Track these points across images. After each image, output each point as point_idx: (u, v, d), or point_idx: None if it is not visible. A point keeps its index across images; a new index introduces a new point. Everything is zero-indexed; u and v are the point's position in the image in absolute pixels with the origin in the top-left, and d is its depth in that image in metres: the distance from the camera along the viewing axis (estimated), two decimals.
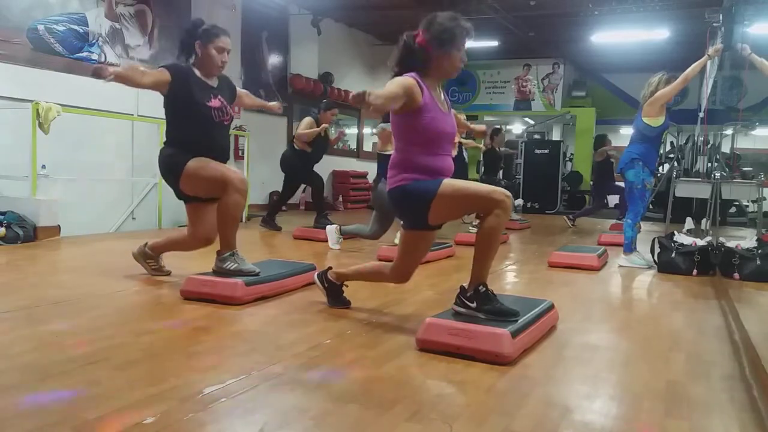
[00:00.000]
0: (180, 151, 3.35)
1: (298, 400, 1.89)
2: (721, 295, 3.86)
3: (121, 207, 7.45)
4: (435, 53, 2.58)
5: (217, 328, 2.73)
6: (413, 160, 2.60)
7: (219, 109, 3.41)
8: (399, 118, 2.62)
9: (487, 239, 2.53)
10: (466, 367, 2.23)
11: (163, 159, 3.44)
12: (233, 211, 3.29)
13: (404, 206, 2.68)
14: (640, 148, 4.91)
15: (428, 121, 2.57)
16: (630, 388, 2.14)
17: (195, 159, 3.32)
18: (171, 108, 3.40)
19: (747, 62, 4.93)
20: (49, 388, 1.88)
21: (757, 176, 8.02)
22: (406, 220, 2.75)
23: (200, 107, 3.34)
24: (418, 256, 2.84)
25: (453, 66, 2.63)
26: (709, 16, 6.84)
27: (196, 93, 3.32)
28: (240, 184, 3.28)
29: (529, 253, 5.89)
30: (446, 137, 2.66)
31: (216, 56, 3.37)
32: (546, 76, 14.64)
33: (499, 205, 2.48)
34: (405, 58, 2.62)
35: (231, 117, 3.53)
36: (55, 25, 6.72)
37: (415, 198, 2.59)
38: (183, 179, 3.34)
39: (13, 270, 4.05)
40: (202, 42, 3.35)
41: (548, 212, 12.41)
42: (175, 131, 3.41)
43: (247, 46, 9.55)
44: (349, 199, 11.59)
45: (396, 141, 2.69)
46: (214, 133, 3.42)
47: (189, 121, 3.35)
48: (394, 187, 2.65)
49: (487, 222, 2.50)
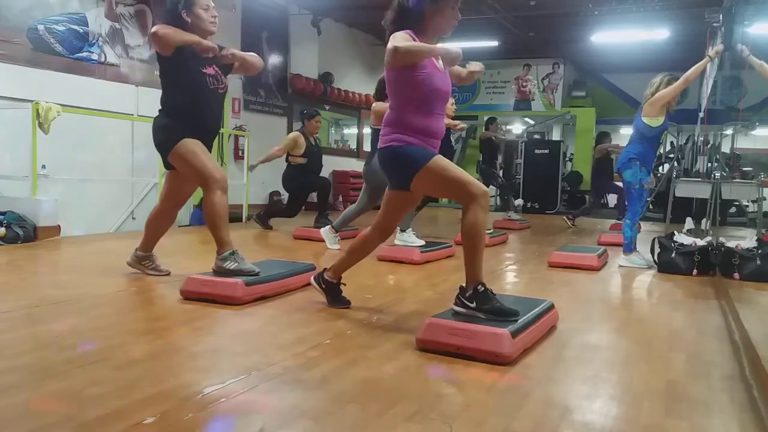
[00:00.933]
0: (174, 123, 3.42)
1: (298, 400, 1.89)
2: (721, 295, 3.85)
3: (121, 207, 7.46)
4: (428, 10, 2.60)
5: (217, 328, 2.73)
6: (406, 118, 2.62)
7: (213, 76, 3.48)
8: (395, 74, 2.63)
9: (471, 235, 2.55)
10: (466, 367, 2.23)
11: (157, 128, 3.51)
12: (218, 209, 3.33)
13: (391, 167, 2.72)
14: (638, 147, 4.91)
15: (423, 78, 2.58)
16: (630, 388, 2.14)
17: (187, 141, 3.38)
18: (166, 74, 3.46)
19: (746, 63, 4.94)
20: (49, 388, 1.89)
21: (757, 176, 8.03)
22: (391, 179, 2.79)
23: (195, 73, 3.40)
24: (399, 214, 2.93)
25: (447, 23, 2.66)
26: (709, 16, 6.84)
27: (191, 59, 3.39)
28: (222, 182, 3.37)
29: (529, 253, 5.89)
30: (441, 95, 2.67)
31: (204, 14, 3.42)
32: (546, 76, 14.63)
33: (474, 199, 2.52)
34: (399, 16, 2.64)
35: (225, 86, 3.59)
36: (55, 25, 6.72)
37: (403, 163, 2.64)
38: (172, 155, 3.43)
39: (13, 270, 4.05)
40: (187, 10, 3.40)
41: (548, 212, 12.41)
42: (169, 98, 3.48)
43: (247, 46, 9.52)
44: (349, 199, 11.57)
45: (390, 98, 2.71)
46: (209, 100, 3.48)
47: (183, 87, 3.41)
48: (385, 146, 2.68)
49: (466, 219, 2.54)
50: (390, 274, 4.31)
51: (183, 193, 3.72)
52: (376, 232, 2.93)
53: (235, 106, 9.49)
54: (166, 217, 3.75)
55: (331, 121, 12.97)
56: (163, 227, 3.78)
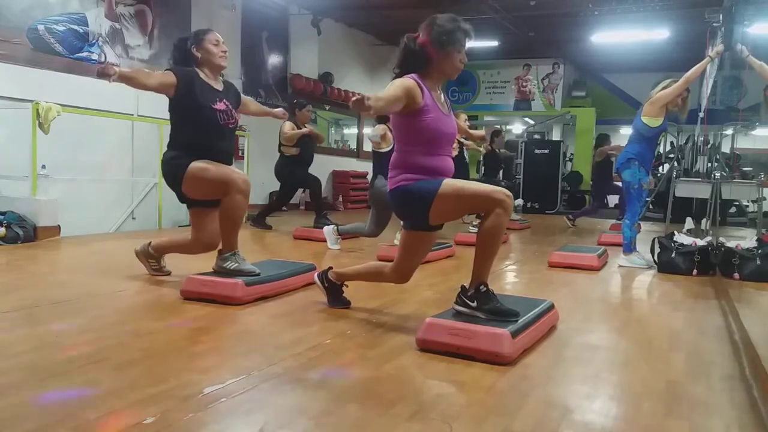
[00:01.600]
0: (183, 154, 3.34)
1: (298, 400, 1.89)
2: (721, 295, 3.85)
3: (121, 207, 7.45)
4: (435, 55, 2.59)
5: (217, 328, 2.73)
6: (414, 160, 2.61)
7: (224, 112, 3.41)
8: (400, 119, 2.63)
9: (489, 239, 2.54)
10: (466, 367, 2.23)
11: (166, 162, 3.42)
12: (235, 212, 3.29)
13: (405, 206, 2.68)
14: (636, 147, 4.91)
15: (429, 122, 2.58)
16: (630, 388, 2.14)
17: (197, 161, 3.31)
18: (176, 111, 3.39)
19: (746, 63, 4.94)
20: (49, 388, 1.88)
21: (757, 176, 8.03)
22: (406, 220, 2.76)
23: (206, 110, 3.33)
24: (418, 256, 2.85)
25: (453, 67, 2.65)
26: (709, 16, 6.84)
27: (201, 95, 3.32)
28: (243, 185, 3.27)
29: (529, 253, 5.89)
30: (447, 138, 2.67)
31: (214, 48, 3.39)
32: (546, 76, 14.64)
33: (499, 204, 2.49)
34: (406, 59, 2.64)
35: (236, 121, 3.54)
36: (55, 25, 6.71)
37: (416, 198, 2.59)
38: (185, 182, 3.32)
39: (13, 270, 4.05)
40: (196, 45, 3.38)
41: (548, 212, 12.41)
42: (179, 134, 3.40)
43: (247, 46, 9.54)
44: (349, 199, 11.59)
45: (397, 142, 2.70)
46: (219, 135, 3.41)
47: (194, 123, 3.34)
48: (395, 188, 2.65)
49: (488, 221, 2.51)
50: None
51: (209, 231, 3.47)
52: (394, 275, 2.86)
53: None
54: (191, 249, 3.62)
55: (331, 121, 12.97)
56: (183, 252, 3.69)
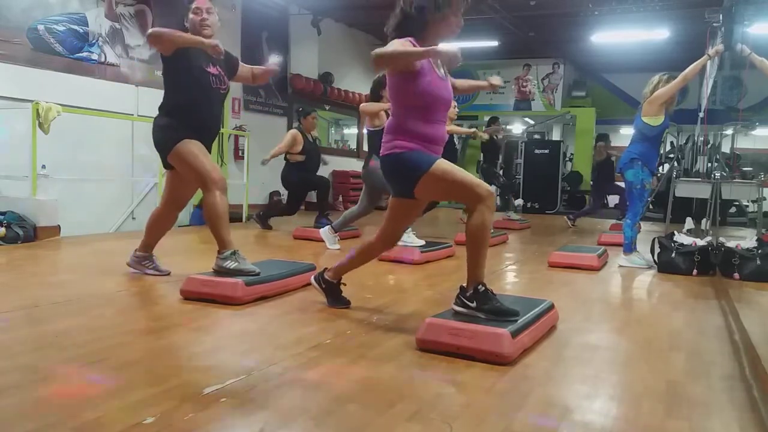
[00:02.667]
0: (174, 123, 3.43)
1: (298, 400, 1.89)
2: (721, 295, 3.85)
3: (121, 207, 7.46)
4: (431, 17, 2.58)
5: (217, 328, 2.73)
6: (408, 125, 2.61)
7: (216, 76, 3.51)
8: (396, 81, 2.62)
9: (476, 236, 2.54)
10: (466, 367, 2.23)
11: (157, 128, 3.52)
12: (217, 209, 3.34)
13: (394, 174, 2.70)
14: (639, 147, 4.90)
15: (425, 85, 2.57)
16: (630, 388, 2.14)
17: (187, 141, 3.39)
18: (170, 72, 3.48)
19: (747, 62, 4.93)
20: (49, 388, 1.88)
21: (757, 176, 8.03)
22: (394, 187, 2.77)
23: (198, 71, 3.43)
24: (403, 223, 2.91)
25: (450, 30, 2.64)
26: (709, 16, 6.84)
27: (194, 58, 3.41)
28: (220, 183, 3.39)
29: (529, 253, 5.89)
30: (442, 102, 2.66)
31: (195, 18, 3.46)
32: (546, 76, 14.63)
33: (482, 200, 2.51)
34: (402, 23, 2.63)
35: (227, 87, 3.61)
36: (55, 25, 6.72)
37: (406, 169, 2.61)
38: (171, 155, 3.44)
39: (13, 270, 4.05)
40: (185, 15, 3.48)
41: (548, 212, 12.41)
42: (171, 96, 3.49)
43: (247, 46, 9.53)
44: (349, 199, 11.57)
45: (392, 105, 2.70)
46: (211, 98, 3.50)
47: (187, 85, 3.43)
48: (387, 154, 2.66)
49: (472, 219, 2.53)
50: (390, 274, 4.31)
51: (184, 195, 3.73)
52: (380, 241, 2.91)
53: (235, 106, 9.49)
54: (166, 218, 3.76)
55: (331, 121, 12.97)
56: (164, 229, 3.78)
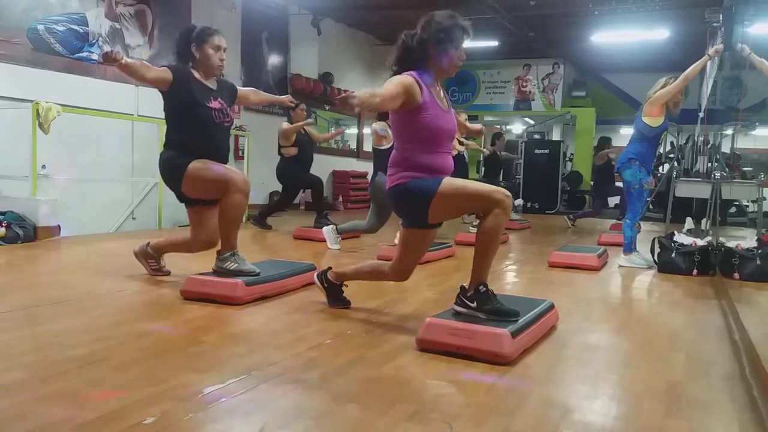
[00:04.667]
0: (180, 154, 3.35)
1: (298, 400, 1.89)
2: (721, 295, 3.85)
3: (121, 207, 7.46)
4: (433, 52, 2.59)
5: (217, 328, 2.73)
6: (413, 158, 2.61)
7: (219, 110, 3.42)
8: (399, 117, 2.62)
9: (487, 239, 2.53)
10: (466, 367, 2.23)
11: (164, 162, 3.43)
12: (234, 212, 3.29)
13: (404, 204, 2.68)
14: (637, 147, 4.91)
15: (428, 119, 2.57)
16: (630, 388, 2.14)
17: (196, 161, 3.32)
18: (171, 110, 3.40)
19: (747, 62, 4.93)
20: (49, 388, 1.88)
21: (757, 176, 8.03)
22: (405, 218, 2.75)
23: (200, 108, 3.34)
24: (417, 254, 2.84)
25: (452, 64, 2.64)
26: (709, 16, 6.84)
27: (196, 94, 3.34)
28: (243, 185, 3.28)
29: (529, 253, 5.89)
30: (446, 135, 2.67)
31: (213, 55, 3.38)
32: (546, 76, 14.63)
33: (498, 204, 2.49)
34: (404, 57, 2.63)
35: (231, 119, 3.55)
36: (55, 25, 6.72)
37: (415, 196, 2.59)
38: (185, 181, 3.33)
39: (13, 270, 4.05)
40: (197, 44, 3.37)
41: (548, 212, 12.41)
42: (175, 133, 3.41)
43: (247, 46, 9.54)
44: (349, 199, 11.59)
45: (396, 139, 2.70)
46: (215, 134, 3.43)
47: (189, 122, 3.35)
48: (394, 185, 2.65)
49: (487, 222, 2.51)
50: None
51: (208, 229, 3.50)
52: (393, 273, 2.85)
53: (235, 106, 9.47)
54: (190, 248, 3.65)
55: (331, 121, 12.97)
56: (182, 251, 3.72)
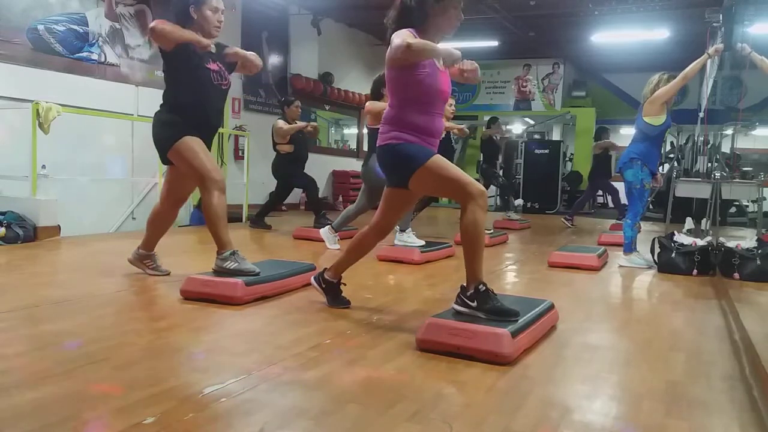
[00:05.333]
0: (175, 119, 3.42)
1: (298, 400, 1.89)
2: (721, 295, 3.85)
3: (121, 207, 7.46)
4: (431, 10, 2.60)
5: (217, 328, 2.73)
6: (406, 117, 2.63)
7: (217, 72, 3.48)
8: (395, 73, 2.64)
9: (470, 235, 2.56)
10: (466, 367, 2.23)
11: (157, 124, 3.50)
12: (216, 209, 3.34)
13: (390, 165, 2.73)
14: (640, 147, 4.90)
15: (423, 77, 2.59)
16: (630, 388, 2.14)
17: (187, 138, 3.39)
18: (170, 70, 3.46)
19: (747, 62, 4.93)
20: (49, 388, 1.88)
21: (757, 176, 8.03)
22: (389, 177, 2.80)
23: (199, 68, 3.40)
24: (397, 212, 2.93)
25: (450, 23, 2.66)
26: (709, 16, 6.84)
27: (195, 55, 3.39)
28: (221, 183, 3.39)
29: (529, 253, 5.89)
30: (440, 95, 2.68)
31: (212, 16, 3.41)
32: (546, 76, 14.63)
33: (473, 199, 2.54)
34: (402, 15, 2.65)
35: (229, 82, 3.59)
36: (55, 25, 6.72)
37: (402, 160, 2.64)
38: (171, 152, 3.43)
39: (13, 270, 4.05)
40: (195, 6, 3.39)
41: (548, 212, 12.41)
42: (173, 93, 3.48)
43: (247, 46, 9.47)
44: (349, 199, 11.57)
45: (390, 97, 2.73)
46: (212, 95, 3.49)
47: (187, 82, 3.42)
48: (384, 144, 2.69)
49: (465, 218, 2.55)
50: (390, 274, 4.31)
51: (183, 191, 3.72)
52: (373, 231, 2.94)
53: (235, 106, 9.49)
54: (166, 215, 3.75)
55: (331, 121, 12.97)
56: (164, 226, 3.78)
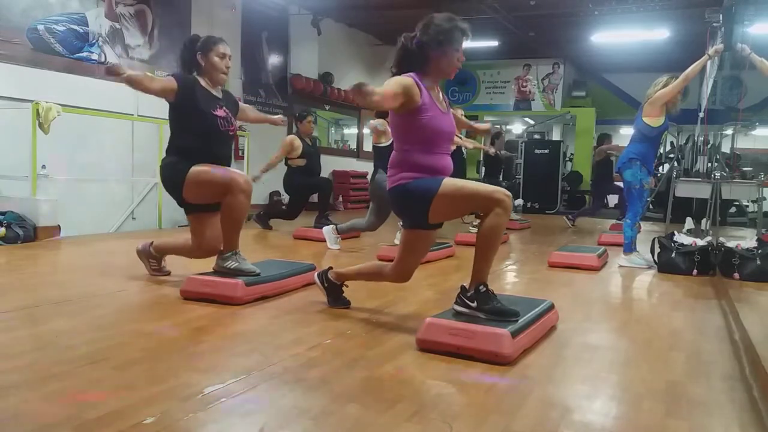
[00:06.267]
0: (182, 159, 3.36)
1: (298, 400, 1.89)
2: (721, 295, 3.85)
3: (121, 207, 7.45)
4: (433, 54, 2.60)
5: (217, 328, 2.73)
6: (412, 159, 2.61)
7: (224, 118, 3.45)
8: (398, 118, 2.63)
9: (488, 239, 2.54)
10: (466, 367, 2.23)
11: (165, 167, 3.44)
12: (237, 213, 3.29)
13: (405, 205, 2.69)
14: (638, 147, 4.91)
15: (427, 121, 2.58)
16: (630, 388, 2.14)
17: (197, 165, 3.33)
18: (176, 117, 3.41)
19: (747, 62, 4.93)
20: (49, 388, 1.88)
21: (757, 176, 8.03)
22: (406, 219, 2.76)
23: (206, 116, 3.36)
24: (418, 255, 2.85)
25: (451, 66, 2.65)
26: (709, 16, 6.83)
27: (201, 102, 3.36)
28: (245, 185, 3.28)
29: (529, 253, 5.89)
30: (445, 136, 2.68)
31: (219, 62, 3.41)
32: (546, 76, 14.63)
33: (499, 204, 2.49)
34: (403, 59, 2.65)
35: (235, 128, 3.57)
36: (55, 25, 6.71)
37: (416, 197, 2.59)
38: (187, 186, 3.33)
39: (13, 270, 4.05)
40: (202, 53, 3.39)
41: (548, 212, 12.41)
42: (179, 140, 3.42)
43: (247, 46, 9.54)
44: (349, 199, 11.58)
45: (395, 141, 2.71)
46: (219, 142, 3.45)
47: (194, 129, 3.37)
48: (394, 186, 2.66)
49: (488, 221, 2.51)
50: None
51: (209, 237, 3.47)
52: (394, 275, 2.84)
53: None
54: (191, 254, 3.62)
55: (331, 121, 12.97)
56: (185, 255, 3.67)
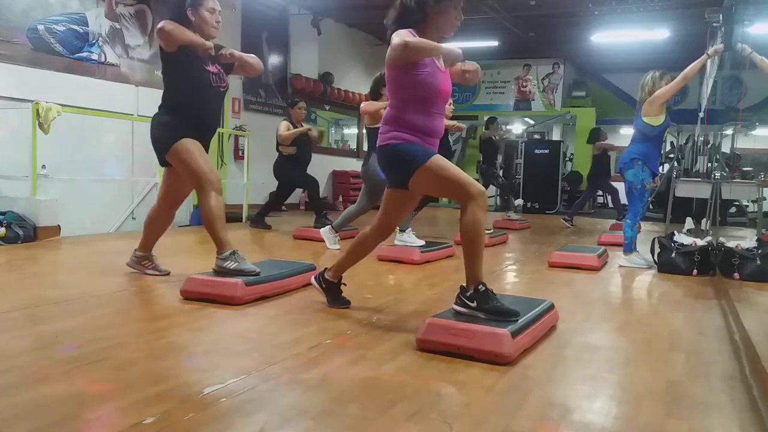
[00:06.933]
0: (174, 121, 3.44)
1: (298, 400, 1.89)
2: (721, 295, 3.85)
3: (121, 207, 7.46)
4: (431, 11, 2.60)
5: (217, 328, 2.73)
6: (406, 117, 2.63)
7: (216, 74, 3.51)
8: (396, 73, 2.64)
9: (468, 235, 2.56)
10: (466, 367, 2.23)
11: (156, 126, 3.52)
12: (216, 211, 3.36)
13: (390, 165, 2.73)
14: (640, 147, 4.90)
15: (424, 77, 2.59)
16: (630, 388, 2.14)
17: (185, 140, 3.40)
18: (170, 71, 3.49)
19: (747, 62, 4.92)
20: (49, 388, 1.88)
21: (757, 176, 8.03)
22: (389, 177, 2.80)
23: (198, 71, 3.43)
24: (399, 213, 2.94)
25: (449, 23, 2.66)
26: (709, 16, 6.83)
27: (194, 56, 3.42)
28: (218, 184, 3.41)
29: (529, 253, 5.89)
30: (441, 95, 2.68)
31: (209, 17, 3.45)
32: (546, 76, 14.63)
33: (473, 199, 2.54)
34: (402, 15, 2.65)
35: (227, 84, 3.62)
36: (55, 25, 6.72)
37: (403, 160, 2.64)
38: (169, 154, 3.44)
39: (13, 270, 4.05)
40: (193, 8, 3.42)
41: (548, 212, 12.40)
42: (172, 94, 3.50)
43: (247, 46, 9.52)
44: (349, 199, 11.57)
45: (390, 97, 2.73)
46: (210, 97, 3.51)
47: (187, 84, 3.43)
48: (384, 144, 2.69)
49: (465, 218, 2.55)
50: (390, 274, 4.31)
51: (180, 193, 3.72)
52: (375, 232, 2.94)
53: (235, 106, 9.49)
54: (164, 216, 3.76)
55: (331, 121, 12.97)
56: (162, 227, 3.78)
